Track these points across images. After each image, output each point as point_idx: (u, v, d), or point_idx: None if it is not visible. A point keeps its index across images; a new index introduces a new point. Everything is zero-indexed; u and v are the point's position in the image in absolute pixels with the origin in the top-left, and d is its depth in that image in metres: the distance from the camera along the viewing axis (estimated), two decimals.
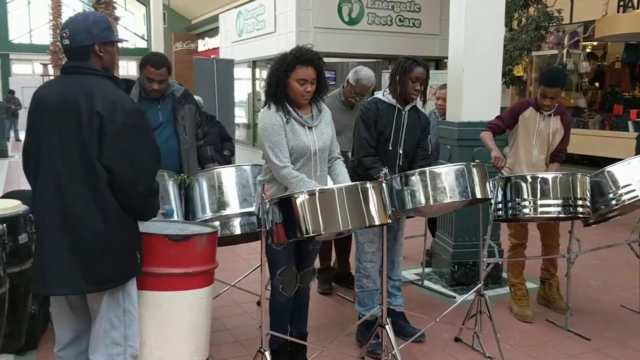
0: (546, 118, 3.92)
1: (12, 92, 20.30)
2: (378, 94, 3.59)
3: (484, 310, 3.48)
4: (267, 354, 2.77)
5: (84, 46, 2.29)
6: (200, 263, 2.58)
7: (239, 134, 17.43)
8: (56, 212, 2.23)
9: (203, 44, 23.57)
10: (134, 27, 26.99)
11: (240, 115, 15.78)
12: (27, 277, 2.78)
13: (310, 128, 2.99)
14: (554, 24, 8.66)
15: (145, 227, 2.57)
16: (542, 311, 4.15)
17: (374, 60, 14.16)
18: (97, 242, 2.23)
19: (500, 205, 3.59)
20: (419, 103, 3.63)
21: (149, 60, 3.54)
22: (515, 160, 4.03)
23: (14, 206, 2.86)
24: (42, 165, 2.28)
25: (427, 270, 4.90)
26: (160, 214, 2.85)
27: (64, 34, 2.30)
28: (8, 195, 3.51)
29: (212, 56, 16.27)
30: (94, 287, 2.26)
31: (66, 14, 22.13)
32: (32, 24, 25.97)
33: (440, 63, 14.65)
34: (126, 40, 2.76)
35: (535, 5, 8.61)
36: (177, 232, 2.60)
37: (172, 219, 3.05)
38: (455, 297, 4.36)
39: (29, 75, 25.92)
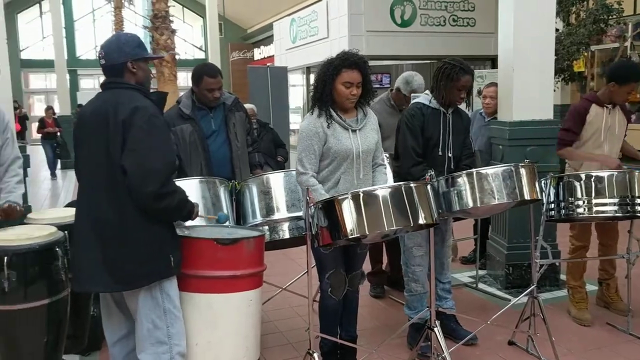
0: (611, 112, 3.81)
1: (80, 106, 21.30)
2: (421, 99, 3.55)
3: (537, 312, 3.40)
4: (316, 355, 2.81)
5: (118, 64, 2.45)
6: (248, 266, 2.65)
7: (294, 140, 17.64)
8: (86, 216, 2.41)
9: (259, 53, 23.97)
10: (192, 38, 27.78)
11: (295, 122, 15.93)
12: None
13: (354, 131, 3.03)
14: (614, 16, 8.35)
15: (196, 232, 2.68)
16: (602, 314, 4.02)
17: (428, 61, 14.04)
18: (118, 243, 2.35)
19: (552, 206, 3.50)
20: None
21: (204, 71, 3.62)
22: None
23: (74, 214, 3.02)
24: (80, 174, 2.49)
25: (481, 272, 4.82)
26: (214, 220, 2.95)
27: (100, 55, 2.48)
28: (71, 205, 3.71)
29: (268, 64, 16.58)
30: (120, 286, 2.40)
31: (128, 29, 23.04)
32: (97, 40, 27.18)
33: (496, 62, 14.33)
34: (160, 57, 2.91)
35: None
36: (226, 236, 2.68)
37: (225, 224, 3.14)
38: (510, 300, 4.27)
39: (95, 89, 27.13)
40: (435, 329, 3.00)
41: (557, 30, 8.52)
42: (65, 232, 2.78)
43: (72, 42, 25.90)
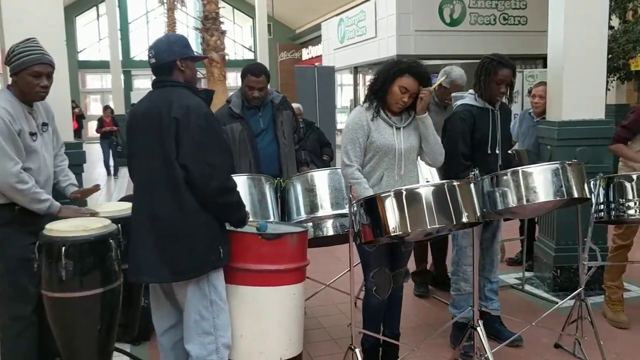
0: None
1: (134, 105, 21.98)
2: (467, 99, 3.53)
3: (585, 315, 3.34)
4: (358, 351, 2.84)
5: (167, 62, 2.55)
6: (291, 260, 2.71)
7: (340, 139, 17.68)
8: (143, 210, 2.53)
9: (307, 53, 24.13)
10: (242, 39, 28.20)
11: (342, 121, 16.00)
12: None
13: (397, 128, 3.04)
14: None
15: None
16: None
17: (478, 61, 13.80)
18: (175, 236, 2.45)
19: (602, 207, 3.43)
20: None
21: (249, 69, 3.75)
22: None
23: (127, 208, 3.15)
24: (135, 172, 2.60)
25: (528, 274, 4.75)
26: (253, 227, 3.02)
27: (150, 54, 2.58)
28: (125, 199, 3.86)
29: (316, 64, 16.66)
30: (174, 277, 2.49)
31: (180, 31, 23.58)
32: (150, 41, 27.91)
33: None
34: (205, 58, 3.01)
35: None
36: (270, 231, 2.74)
37: (268, 220, 3.21)
38: (557, 303, 4.20)
39: (148, 89, 27.83)
40: (478, 329, 2.99)
41: (612, 27, 8.27)
42: (119, 224, 2.89)
43: (127, 44, 26.70)
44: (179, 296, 2.58)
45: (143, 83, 27.59)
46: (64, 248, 2.59)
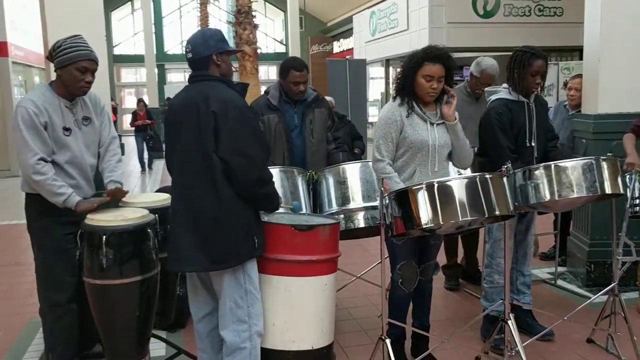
0: None
1: (169, 99, 22.26)
2: (502, 94, 3.51)
3: (619, 311, 3.31)
4: (388, 341, 2.88)
5: (204, 57, 2.61)
6: (323, 251, 2.76)
7: (371, 133, 17.64)
8: (182, 201, 2.60)
9: (338, 46, 24.12)
10: (274, 32, 28.31)
11: (374, 115, 15.96)
12: None
13: (432, 124, 3.06)
14: None
15: (275, 218, 2.81)
16: None
17: (512, 53, 13.63)
18: (213, 226, 2.52)
19: (637, 201, 3.38)
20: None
21: (291, 65, 3.73)
22: None
23: (164, 199, 3.24)
24: (173, 164, 2.67)
25: (561, 269, 4.71)
26: (288, 209, 3.08)
27: (187, 49, 2.64)
28: (161, 190, 3.97)
29: (347, 57, 16.64)
30: (212, 266, 2.56)
31: (212, 25, 23.78)
32: (184, 35, 28.25)
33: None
34: (240, 51, 3.06)
35: None
36: (303, 223, 2.80)
37: (300, 212, 3.27)
38: (590, 298, 4.16)
39: (181, 82, 28.27)
40: (509, 322, 2.99)
41: None
42: (156, 215, 2.98)
43: (161, 38, 27.07)
44: (215, 285, 2.65)
45: (176, 77, 27.98)
46: (104, 237, 2.69)
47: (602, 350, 3.41)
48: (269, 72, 26.22)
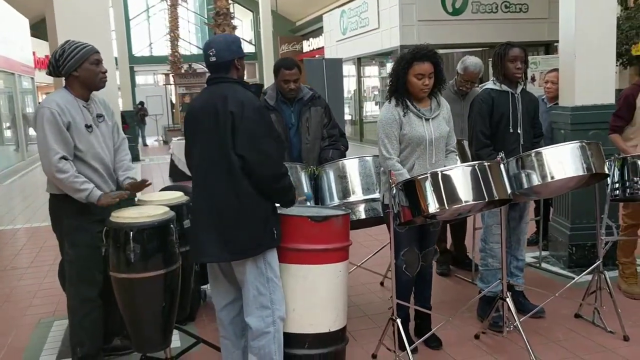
0: None
1: (142, 103, 22.14)
2: (488, 84, 3.79)
3: (604, 287, 3.59)
4: (399, 321, 3.10)
5: (227, 61, 2.77)
6: (337, 240, 2.95)
7: (348, 131, 17.87)
8: (203, 196, 2.75)
9: (308, 45, 24.27)
10: (242, 33, 28.32)
11: (345, 112, 16.18)
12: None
13: (427, 120, 3.28)
14: None
15: (290, 210, 2.99)
16: None
17: (480, 49, 13.98)
18: (233, 218, 2.69)
19: (617, 185, 3.67)
20: (529, 85, 3.79)
21: (282, 64, 3.95)
22: (638, 143, 4.05)
23: (179, 197, 3.40)
24: (193, 162, 2.82)
25: (544, 253, 5.00)
26: (302, 200, 3.26)
27: (210, 53, 2.77)
28: (171, 189, 4.09)
29: (317, 55, 16.81)
30: (232, 256, 2.73)
31: (182, 26, 23.69)
32: (152, 37, 28.08)
33: (550, 47, 14.24)
34: (249, 54, 3.23)
35: None
36: (314, 214, 2.98)
37: (308, 205, 3.46)
38: (574, 278, 4.45)
39: (150, 85, 28.10)
40: (508, 299, 3.24)
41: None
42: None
43: (129, 40, 26.82)
44: (238, 274, 2.82)
45: (145, 79, 27.80)
46: (131, 233, 2.84)
47: (589, 323, 3.69)
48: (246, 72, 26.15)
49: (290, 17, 27.08)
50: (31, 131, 18.68)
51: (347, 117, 18.26)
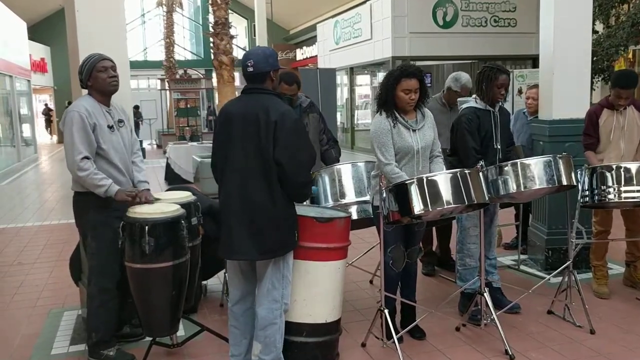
0: (622, 112, 4.33)
1: (137, 107, 22.33)
2: (471, 103, 4.10)
3: (573, 285, 3.94)
4: (387, 312, 3.42)
5: (264, 72, 3.01)
6: (338, 240, 3.25)
7: (341, 139, 18.20)
8: (238, 199, 2.98)
9: (301, 53, 24.60)
10: (237, 40, 28.64)
11: (340, 121, 16.52)
12: (197, 252, 3.62)
13: (414, 130, 3.61)
14: None
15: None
16: (630, 292, 4.53)
17: (470, 61, 14.39)
18: (267, 221, 2.94)
19: (587, 193, 4.01)
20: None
21: (282, 78, 4.19)
22: (605, 156, 4.41)
23: (187, 196, 3.70)
24: (228, 164, 3.01)
25: (523, 257, 5.35)
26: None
27: (249, 64, 2.99)
28: (180, 189, 4.36)
29: (310, 64, 17.14)
30: (262, 256, 2.98)
31: (177, 32, 23.94)
32: (147, 42, 28.33)
33: (537, 61, 14.59)
34: (282, 68, 3.52)
35: (632, 2, 8.69)
36: (318, 214, 3.28)
37: (308, 205, 3.75)
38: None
39: (144, 89, 28.32)
40: (485, 294, 3.57)
41: (597, 32, 8.89)
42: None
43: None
44: (259, 270, 3.07)
45: (140, 83, 27.98)
46: (147, 227, 3.14)
47: (560, 319, 4.03)
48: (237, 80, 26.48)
49: (284, 25, 27.46)
50: (26, 133, 18.89)
51: (339, 124, 18.61)
